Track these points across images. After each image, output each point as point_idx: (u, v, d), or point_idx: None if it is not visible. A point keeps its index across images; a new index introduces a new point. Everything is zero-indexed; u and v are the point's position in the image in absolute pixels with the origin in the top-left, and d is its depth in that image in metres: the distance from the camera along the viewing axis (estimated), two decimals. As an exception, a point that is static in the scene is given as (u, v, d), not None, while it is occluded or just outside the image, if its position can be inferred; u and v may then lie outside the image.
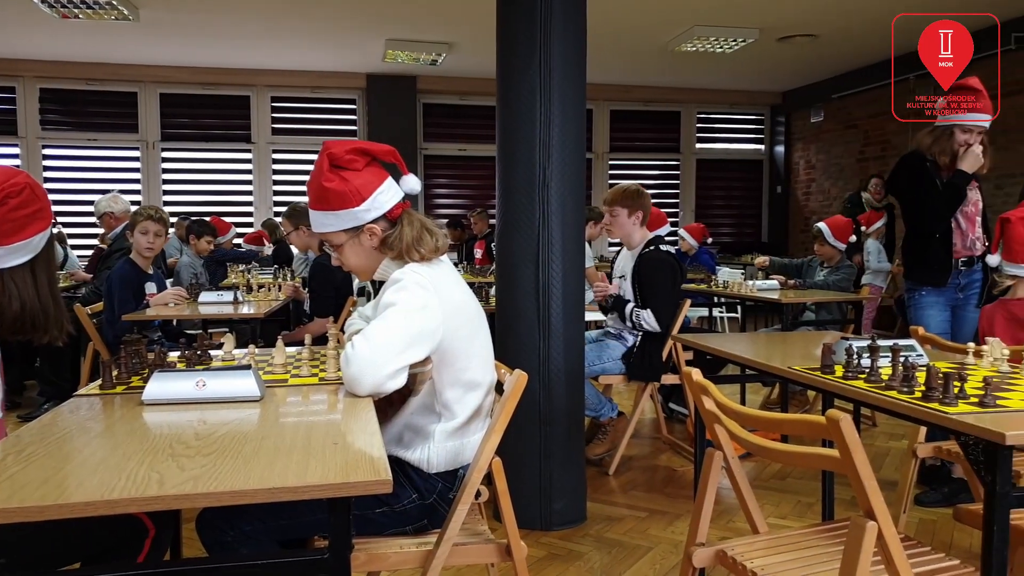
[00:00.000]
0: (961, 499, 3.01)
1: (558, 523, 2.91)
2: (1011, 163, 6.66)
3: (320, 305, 4.00)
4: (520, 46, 2.81)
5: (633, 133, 10.22)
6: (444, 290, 1.77)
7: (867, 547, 1.31)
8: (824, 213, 8.89)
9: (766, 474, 3.57)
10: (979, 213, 3.35)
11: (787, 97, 10.21)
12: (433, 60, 8.07)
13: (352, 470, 1.14)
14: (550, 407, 2.87)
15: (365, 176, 1.80)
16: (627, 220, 3.71)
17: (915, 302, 3.38)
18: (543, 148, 2.81)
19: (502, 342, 2.92)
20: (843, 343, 1.90)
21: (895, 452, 3.87)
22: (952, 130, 3.26)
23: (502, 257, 2.96)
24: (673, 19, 6.80)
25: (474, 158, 9.60)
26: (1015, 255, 2.40)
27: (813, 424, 1.37)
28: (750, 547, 1.67)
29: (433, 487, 1.78)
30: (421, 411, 1.79)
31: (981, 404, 1.43)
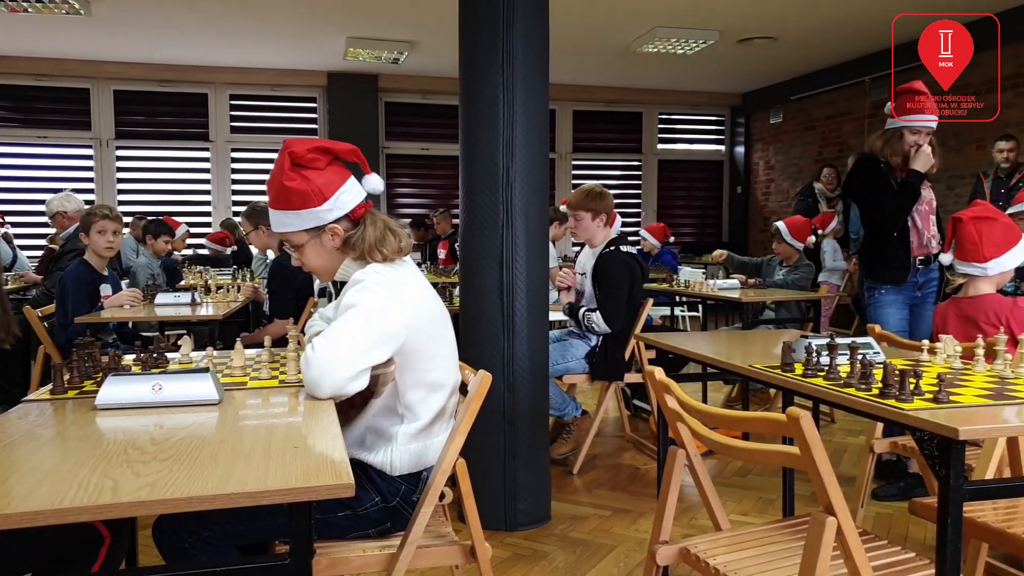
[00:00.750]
0: (916, 493, 3.08)
1: (523, 523, 2.90)
2: (961, 165, 6.84)
3: (280, 306, 3.94)
4: (482, 45, 2.80)
5: (596, 133, 10.28)
6: (407, 291, 1.76)
7: (827, 542, 1.33)
8: (783, 213, 9.04)
9: (728, 471, 3.61)
10: (933, 211, 3.44)
11: (747, 98, 10.36)
12: (395, 59, 8.02)
13: (313, 474, 1.12)
14: (515, 407, 2.87)
15: (327, 175, 1.78)
16: (591, 223, 3.74)
17: (874, 300, 3.45)
18: (507, 147, 2.81)
19: (466, 342, 2.91)
20: (802, 341, 1.93)
21: (853, 448, 3.94)
22: (902, 132, 3.34)
23: (466, 257, 2.95)
24: (634, 20, 6.85)
25: (437, 157, 9.56)
26: (966, 254, 2.46)
27: (774, 422, 1.38)
28: (713, 544, 1.69)
29: (396, 490, 1.76)
30: (383, 413, 1.77)
31: (935, 400, 1.46)
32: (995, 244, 2.41)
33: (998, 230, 2.42)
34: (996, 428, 1.42)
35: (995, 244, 2.41)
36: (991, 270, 2.42)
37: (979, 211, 2.49)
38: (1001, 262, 2.41)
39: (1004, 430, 1.50)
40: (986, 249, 2.41)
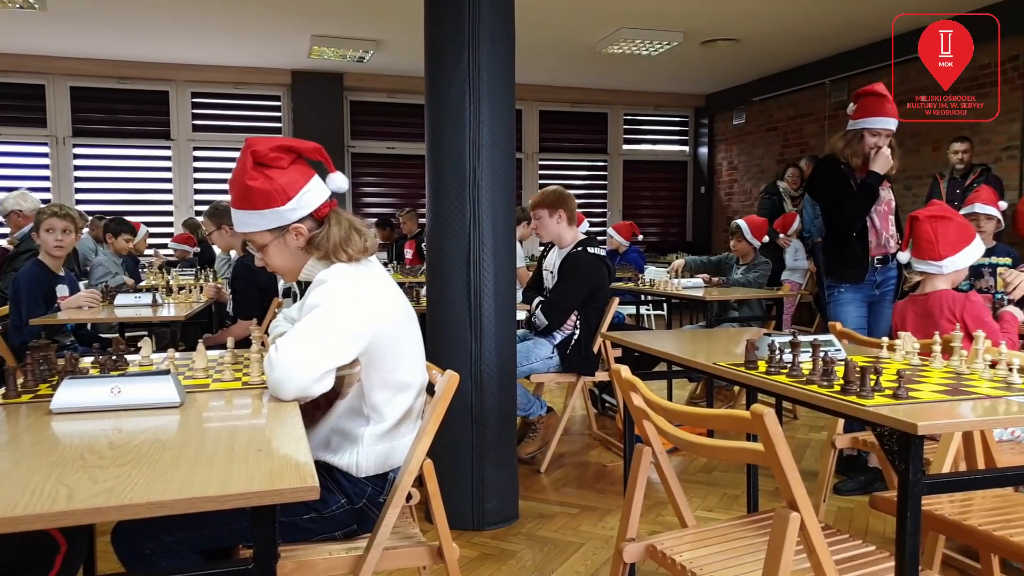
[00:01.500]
0: (876, 487, 3.14)
1: (491, 523, 2.90)
2: (918, 165, 7.00)
3: (243, 307, 3.88)
4: (449, 44, 2.79)
5: (562, 134, 10.32)
6: (373, 291, 1.74)
7: (791, 537, 1.35)
8: (746, 212, 9.14)
9: (693, 468, 3.65)
10: (892, 212, 3.51)
11: (710, 99, 10.48)
12: (360, 57, 7.95)
13: (277, 477, 1.10)
14: (482, 407, 2.87)
15: (290, 174, 1.76)
16: (551, 220, 3.76)
17: (834, 298, 3.51)
18: (473, 147, 2.80)
19: (433, 342, 2.90)
20: (766, 339, 1.95)
21: (815, 443, 4.01)
22: (862, 134, 3.40)
23: (433, 257, 2.94)
24: (600, 21, 6.88)
25: (403, 156, 9.51)
26: (923, 252, 2.51)
27: (738, 419, 1.40)
28: (679, 541, 1.70)
29: (362, 491, 1.74)
30: (349, 414, 1.75)
31: (895, 396, 1.49)
32: (950, 243, 2.46)
33: (953, 229, 2.48)
34: (953, 423, 1.45)
35: (950, 243, 2.46)
36: (946, 268, 2.47)
37: (935, 211, 2.55)
38: (956, 260, 2.47)
39: (960, 425, 1.53)
40: (941, 248, 2.46)
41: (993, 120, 6.55)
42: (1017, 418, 1.43)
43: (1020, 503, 1.92)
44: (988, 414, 1.44)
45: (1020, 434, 2.43)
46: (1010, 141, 6.42)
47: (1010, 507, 1.88)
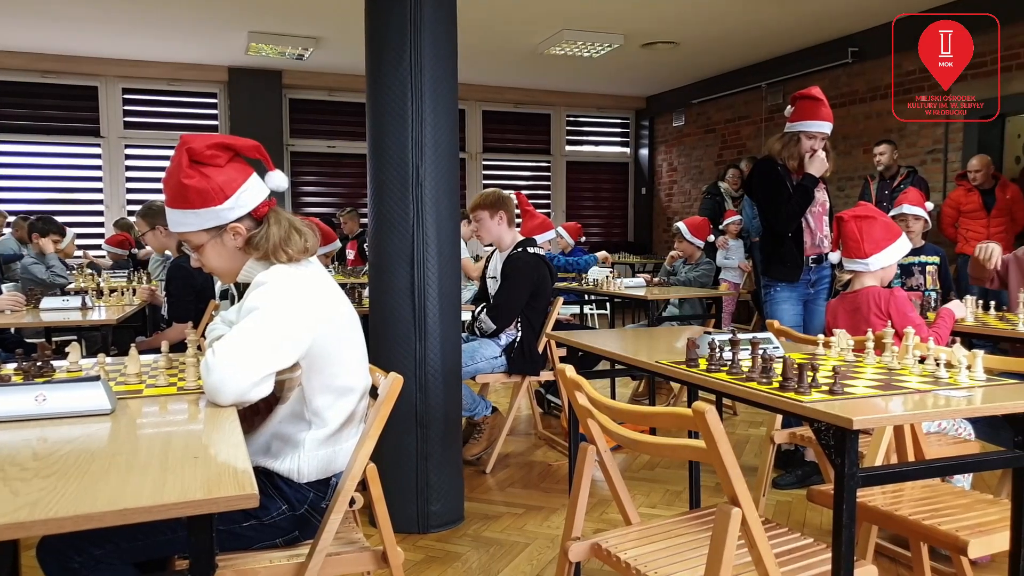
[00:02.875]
0: (813, 480, 3.23)
1: (436, 525, 2.88)
2: (850, 167, 7.24)
3: (179, 309, 3.77)
4: (390, 42, 2.76)
5: (505, 134, 10.34)
6: (313, 292, 1.71)
7: (732, 532, 1.37)
8: (686, 213, 9.33)
9: (636, 465, 3.69)
10: (826, 213, 3.61)
11: (651, 102, 10.64)
12: (299, 55, 7.82)
13: (215, 485, 1.07)
14: (427, 409, 2.84)
15: (228, 172, 1.71)
16: (491, 222, 3.76)
17: (770, 297, 3.60)
18: (416, 146, 2.77)
19: (376, 345, 2.86)
20: (706, 337, 1.98)
21: (754, 439, 4.10)
22: (798, 136, 3.49)
23: (376, 257, 2.90)
24: (542, 22, 6.92)
25: (344, 156, 9.39)
26: (850, 251, 2.60)
27: (680, 416, 1.41)
28: (623, 539, 1.72)
29: (304, 497, 1.70)
30: (290, 419, 1.71)
31: (831, 392, 1.53)
32: (875, 241, 2.55)
33: (878, 228, 2.57)
34: (886, 417, 1.50)
35: (875, 241, 2.55)
36: (872, 265, 2.55)
37: (860, 211, 2.63)
38: (881, 258, 2.55)
39: (893, 419, 1.58)
40: (867, 246, 2.55)
41: (918, 123, 6.82)
42: (945, 411, 1.49)
43: (947, 492, 2.00)
44: (918, 408, 1.50)
45: (946, 426, 2.53)
46: (934, 144, 6.68)
47: (937, 497, 1.96)
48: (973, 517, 1.81)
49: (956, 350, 1.76)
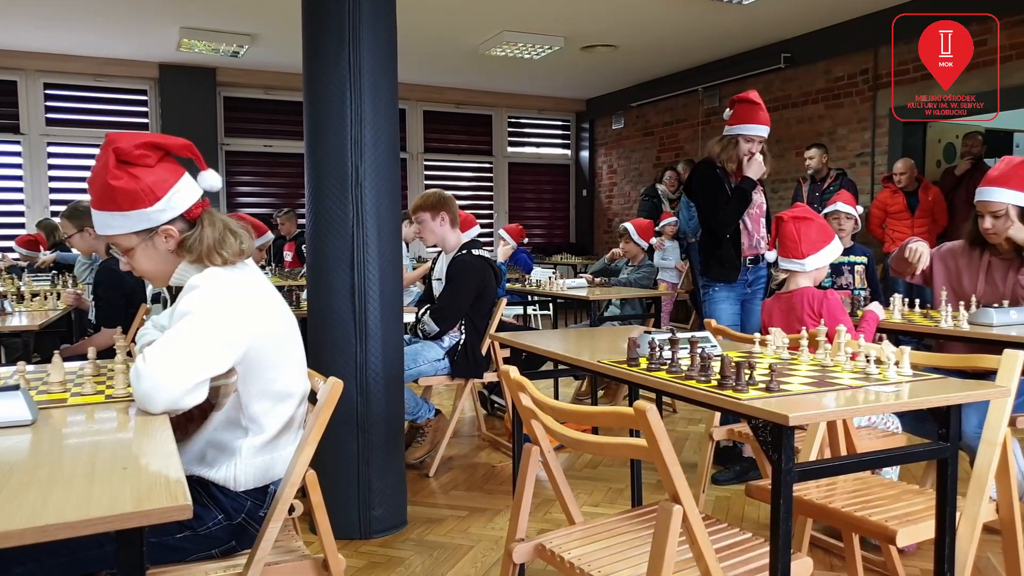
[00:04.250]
0: (750, 476, 3.31)
1: (378, 530, 2.84)
2: (784, 170, 7.44)
3: (108, 314, 3.63)
4: (328, 40, 2.71)
5: (447, 135, 10.30)
6: (249, 296, 1.66)
7: (674, 529, 1.39)
8: (626, 215, 9.46)
9: (579, 464, 3.71)
10: (763, 214, 3.70)
11: (591, 104, 10.75)
12: (234, 52, 7.63)
13: (145, 497, 1.02)
14: (368, 413, 2.80)
15: (158, 172, 1.65)
16: (433, 223, 3.72)
17: (709, 297, 3.67)
18: (355, 146, 2.73)
19: (316, 348, 2.81)
20: (646, 337, 2.00)
21: (694, 436, 4.18)
22: (737, 139, 3.57)
23: (314, 259, 2.85)
24: (482, 23, 6.91)
25: (281, 155, 9.21)
26: (787, 251, 2.67)
27: (622, 416, 1.42)
28: (567, 538, 1.72)
29: (241, 506, 1.66)
30: (225, 426, 1.66)
31: (767, 389, 1.57)
32: (811, 242, 2.62)
33: (814, 229, 2.64)
34: (821, 414, 1.54)
35: (811, 242, 2.62)
36: (808, 266, 2.63)
37: (797, 212, 2.71)
38: (817, 259, 2.63)
39: (827, 415, 1.62)
40: (804, 247, 2.62)
41: (847, 128, 7.07)
42: (875, 406, 1.54)
43: (876, 484, 2.07)
44: (850, 403, 1.54)
45: (876, 420, 2.62)
46: (862, 148, 6.93)
47: (868, 489, 2.02)
48: (901, 507, 1.87)
49: (885, 347, 1.82)
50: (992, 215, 2.74)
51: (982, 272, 2.88)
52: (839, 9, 6.53)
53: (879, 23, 6.53)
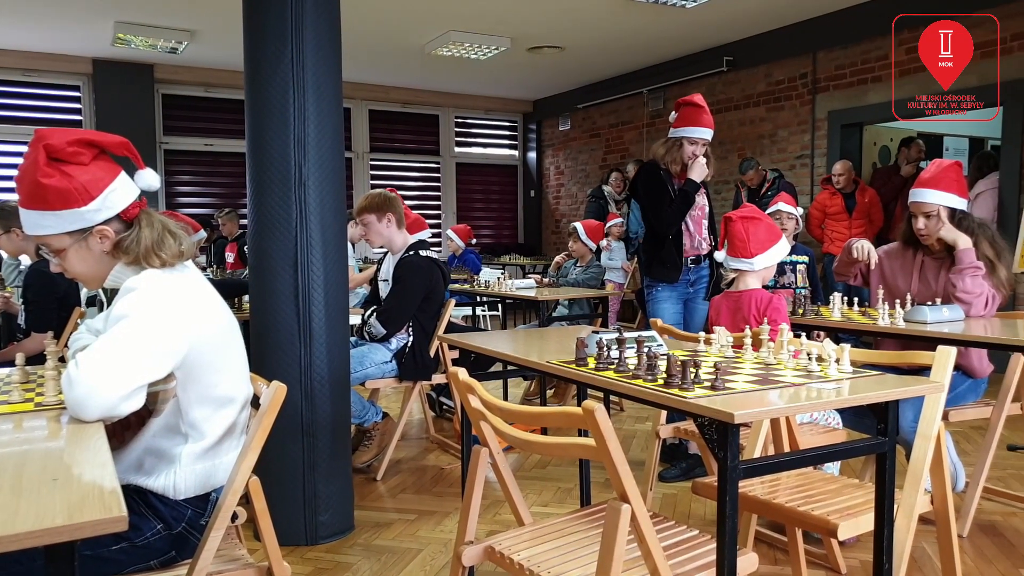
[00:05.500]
0: (696, 473, 3.36)
1: (324, 536, 2.79)
2: (724, 171, 7.59)
3: (38, 318, 3.48)
4: (270, 37, 2.65)
5: (393, 134, 10.21)
6: (190, 299, 1.61)
7: (622, 528, 1.40)
8: (574, 215, 9.52)
9: (528, 464, 3.72)
10: (706, 216, 3.76)
11: (538, 105, 10.79)
12: (172, 48, 7.43)
13: (77, 509, 0.98)
14: (313, 417, 2.75)
15: (93, 171, 1.59)
16: (379, 225, 3.67)
17: (652, 297, 3.71)
18: (298, 145, 2.68)
19: (258, 352, 2.74)
20: (594, 337, 2.01)
21: (641, 434, 4.22)
22: (681, 142, 3.62)
23: (256, 260, 2.78)
24: (428, 23, 6.87)
25: (222, 154, 9.00)
26: (736, 250, 2.71)
27: (571, 416, 1.43)
28: (517, 540, 1.72)
29: (181, 515, 1.61)
30: (164, 433, 1.61)
31: (713, 388, 1.59)
32: (760, 242, 2.67)
33: (763, 230, 2.69)
34: (765, 411, 1.56)
35: (760, 242, 2.67)
36: (756, 265, 2.68)
37: (746, 212, 2.76)
38: (765, 258, 2.68)
39: (771, 412, 1.65)
40: (752, 246, 2.67)
41: (787, 130, 7.25)
42: (817, 403, 1.57)
43: (818, 479, 2.12)
44: (793, 401, 1.57)
45: (817, 416, 2.68)
46: (802, 150, 7.12)
47: (810, 484, 2.07)
48: (842, 501, 1.92)
49: (826, 345, 1.87)
50: (924, 216, 2.84)
51: (916, 272, 2.97)
52: (779, 14, 6.69)
53: (817, 28, 6.72)
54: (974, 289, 2.74)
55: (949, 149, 8.26)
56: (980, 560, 2.59)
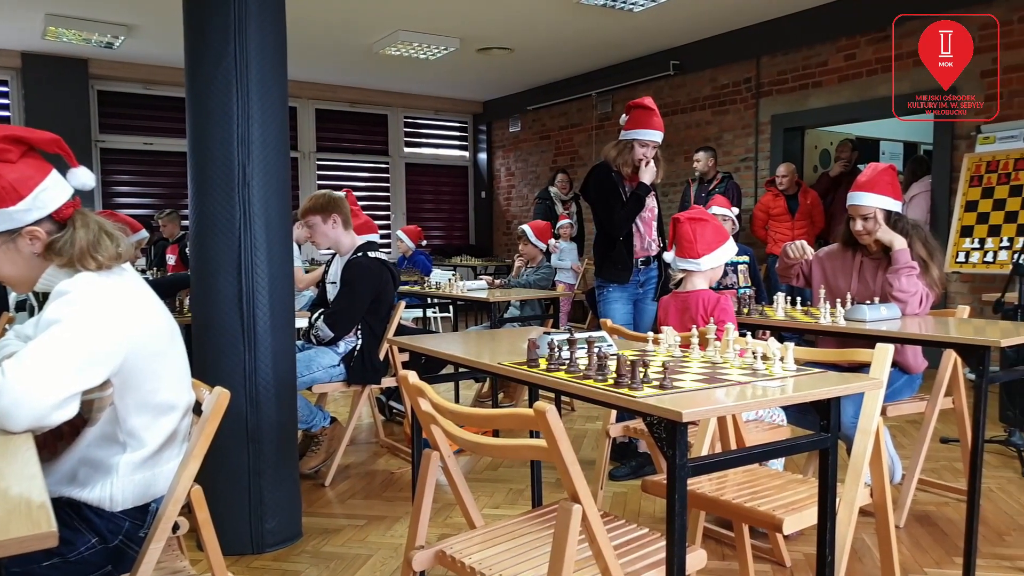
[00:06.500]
0: (646, 471, 3.39)
1: (271, 544, 2.73)
2: (672, 173, 7.70)
3: (-34, 324, 3.33)
4: (212, 33, 2.59)
5: (341, 133, 10.09)
6: (127, 303, 1.55)
7: (574, 529, 1.40)
8: (525, 217, 9.54)
9: (480, 466, 3.70)
10: (655, 218, 3.81)
11: (487, 107, 10.78)
12: (108, 43, 7.20)
13: (3, 525, 0.93)
14: (259, 423, 2.69)
15: (22, 169, 1.52)
16: (324, 226, 3.61)
17: (604, 297, 3.74)
18: (242, 144, 2.62)
19: (201, 357, 2.67)
20: (545, 338, 2.01)
21: (591, 433, 4.25)
22: (632, 144, 3.65)
23: (198, 263, 2.71)
24: (376, 22, 6.81)
25: (163, 153, 8.76)
26: (684, 251, 2.75)
27: (522, 417, 1.42)
28: (468, 543, 1.70)
29: (118, 527, 1.55)
30: (100, 442, 1.55)
31: (661, 387, 1.60)
32: (706, 242, 2.71)
33: (709, 230, 2.73)
34: (712, 409, 1.58)
35: (706, 242, 2.71)
36: (704, 265, 2.72)
37: (694, 213, 2.79)
38: (712, 258, 2.72)
39: (718, 410, 1.68)
40: (699, 247, 2.71)
41: (732, 133, 7.39)
42: (763, 401, 1.59)
43: (764, 475, 2.15)
44: (740, 399, 1.59)
45: (762, 414, 2.73)
46: (747, 153, 7.27)
47: (756, 480, 2.10)
48: (786, 496, 1.96)
49: (770, 343, 1.90)
50: (862, 218, 2.92)
51: (855, 272, 3.06)
52: (724, 20, 6.82)
53: (761, 34, 6.87)
54: (909, 288, 2.83)
55: (885, 153, 8.53)
56: (916, 549, 2.67)
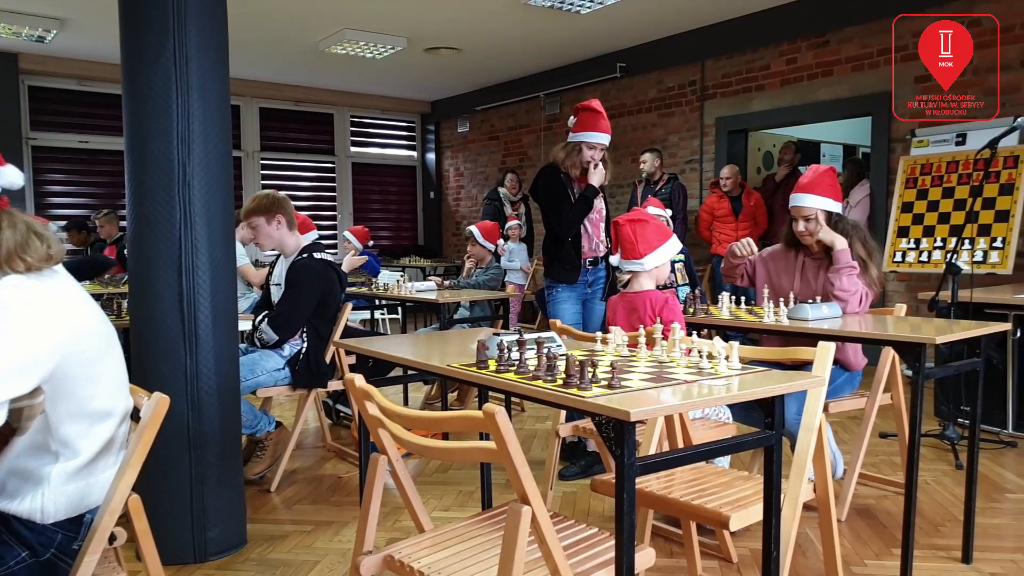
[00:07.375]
0: (595, 470, 3.41)
1: (215, 552, 2.66)
2: (620, 175, 7.78)
3: None
4: (150, 30, 2.51)
5: (286, 132, 9.93)
6: (59, 306, 1.49)
7: (523, 531, 1.39)
8: (474, 217, 9.52)
9: (429, 469, 3.67)
10: (603, 219, 3.84)
11: (436, 107, 10.73)
12: (40, 36, 6.94)
13: (-77, 542, 0.88)
14: (201, 429, 2.62)
15: (-56, 167, 1.45)
16: (268, 227, 3.55)
17: (553, 297, 3.75)
18: (182, 143, 2.54)
19: (140, 362, 2.59)
20: (495, 339, 2.00)
21: (541, 433, 4.25)
22: (580, 146, 3.67)
23: (137, 264, 2.62)
24: (321, 20, 6.71)
25: (99, 152, 8.49)
26: (627, 253, 2.77)
27: (472, 420, 1.41)
28: (416, 547, 1.68)
29: (50, 540, 1.49)
30: (31, 452, 1.48)
31: (609, 386, 1.61)
32: (648, 242, 2.74)
33: (650, 230, 2.76)
34: (660, 408, 1.60)
35: (648, 242, 2.74)
36: (647, 264, 2.74)
37: (634, 215, 2.82)
38: (655, 257, 2.75)
39: (666, 409, 1.69)
40: (641, 247, 2.73)
41: (678, 135, 7.50)
42: (709, 399, 1.61)
43: (710, 473, 2.19)
44: (686, 397, 1.61)
45: (709, 412, 2.78)
46: (692, 155, 7.38)
47: (703, 478, 2.13)
48: (733, 494, 1.99)
49: (716, 342, 1.93)
50: (804, 219, 2.99)
51: (798, 272, 3.13)
52: (670, 23, 6.92)
53: (705, 38, 6.99)
54: (850, 287, 2.91)
55: (826, 155, 8.77)
56: (857, 542, 2.75)
